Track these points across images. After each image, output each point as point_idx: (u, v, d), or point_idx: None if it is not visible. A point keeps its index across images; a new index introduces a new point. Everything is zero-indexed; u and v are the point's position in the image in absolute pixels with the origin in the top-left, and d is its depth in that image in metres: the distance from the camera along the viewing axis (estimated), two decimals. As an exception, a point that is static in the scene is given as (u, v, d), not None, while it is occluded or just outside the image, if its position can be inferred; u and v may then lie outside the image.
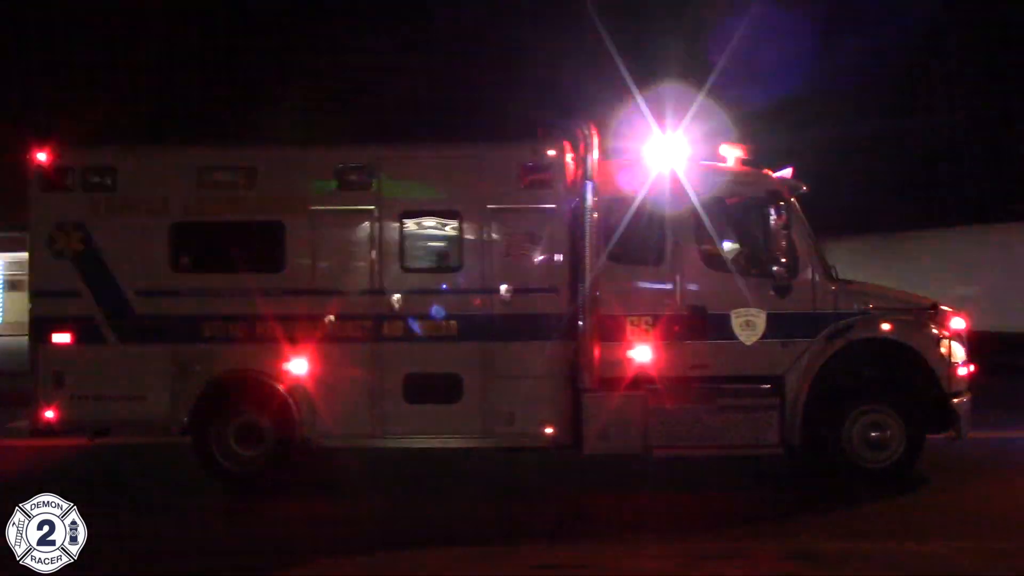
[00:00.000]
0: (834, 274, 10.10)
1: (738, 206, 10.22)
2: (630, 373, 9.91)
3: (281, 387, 9.81)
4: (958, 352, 10.04)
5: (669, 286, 9.98)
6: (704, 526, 8.76)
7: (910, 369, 9.95)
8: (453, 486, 10.22)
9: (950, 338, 10.05)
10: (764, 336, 9.89)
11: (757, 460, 10.45)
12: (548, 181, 9.89)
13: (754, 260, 10.15)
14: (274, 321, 9.82)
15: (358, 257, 9.92)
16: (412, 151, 10.40)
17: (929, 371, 9.88)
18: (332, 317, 9.82)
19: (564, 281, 9.85)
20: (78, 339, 9.87)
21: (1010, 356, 19.43)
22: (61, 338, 9.87)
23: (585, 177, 9.77)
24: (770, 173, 10.27)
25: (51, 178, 9.95)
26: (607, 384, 9.84)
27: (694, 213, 9.98)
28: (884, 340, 9.96)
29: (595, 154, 9.79)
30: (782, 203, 9.93)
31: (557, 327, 9.80)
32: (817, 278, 9.96)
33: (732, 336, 9.91)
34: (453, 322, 9.85)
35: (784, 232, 9.90)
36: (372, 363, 9.82)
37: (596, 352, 9.77)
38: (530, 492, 9.96)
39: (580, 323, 9.75)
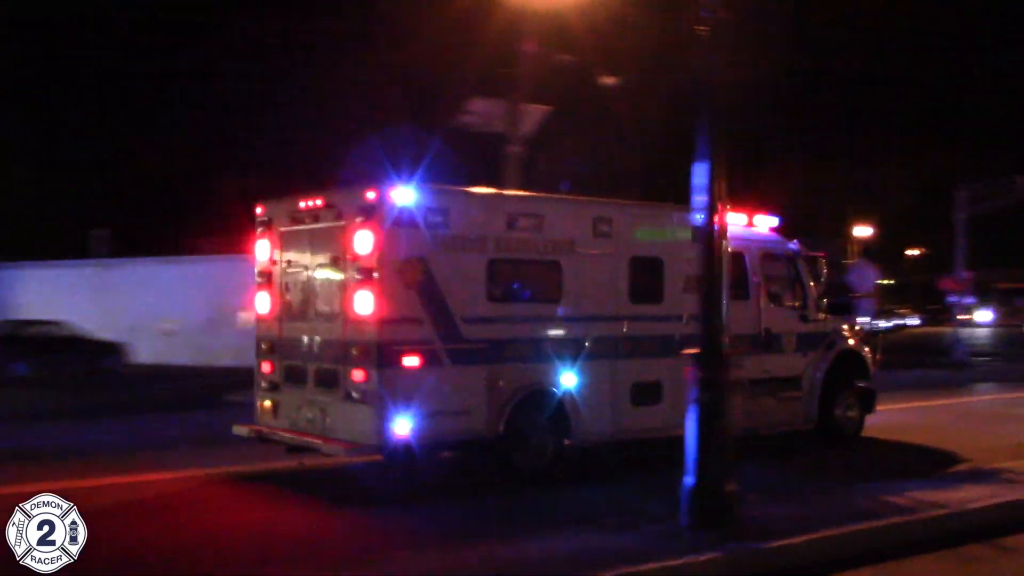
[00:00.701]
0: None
1: (778, 260, 14.86)
2: (734, 375, 13.97)
3: (561, 397, 11.96)
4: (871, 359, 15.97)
5: (754, 315, 14.26)
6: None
7: (859, 369, 15.57)
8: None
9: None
10: (795, 349, 14.74)
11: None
12: None
13: (788, 297, 14.93)
14: (554, 343, 11.96)
15: (604, 292, 12.48)
16: (633, 210, 13.15)
17: (866, 370, 15.62)
18: (589, 339, 12.26)
19: (714, 311, 13.54)
20: (423, 362, 10.90)
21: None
22: (411, 361, 10.80)
23: (721, 236, 13.62)
24: (789, 239, 15.11)
25: (401, 215, 10.80)
26: None
27: (762, 264, 14.43)
28: (850, 351, 15.42)
29: (727, 219, 13.72)
30: (804, 259, 14.89)
31: (711, 345, 13.46)
32: (819, 310, 15.04)
33: (782, 349, 14.57)
34: (657, 342, 12.95)
35: (804, 279, 14.87)
36: (612, 375, 12.49)
37: (727, 362, 13.68)
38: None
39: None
